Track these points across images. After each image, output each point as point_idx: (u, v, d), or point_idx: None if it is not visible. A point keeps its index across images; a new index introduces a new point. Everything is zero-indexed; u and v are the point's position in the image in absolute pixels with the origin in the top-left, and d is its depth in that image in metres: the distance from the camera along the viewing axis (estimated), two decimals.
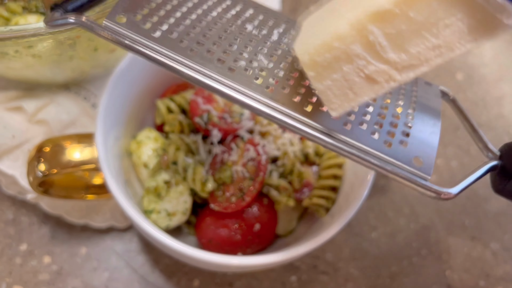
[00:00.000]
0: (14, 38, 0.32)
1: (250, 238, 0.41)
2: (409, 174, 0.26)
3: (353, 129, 0.27)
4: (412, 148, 0.27)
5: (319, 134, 0.27)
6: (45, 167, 0.37)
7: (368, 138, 0.27)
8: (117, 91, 0.40)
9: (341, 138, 0.27)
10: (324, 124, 0.27)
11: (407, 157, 0.27)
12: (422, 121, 0.30)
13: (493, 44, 0.67)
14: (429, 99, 0.32)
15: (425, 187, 0.26)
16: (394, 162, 0.26)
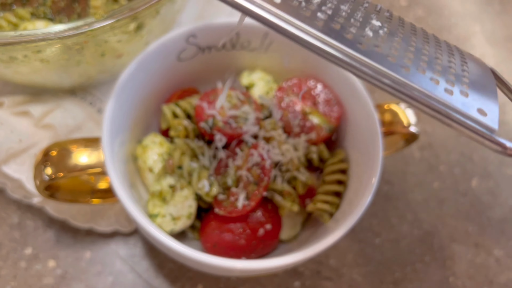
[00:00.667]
0: (24, 42, 0.33)
1: (254, 243, 0.41)
2: (475, 123, 0.25)
3: (413, 74, 0.26)
4: (474, 100, 0.26)
5: (384, 77, 0.25)
6: (52, 171, 0.38)
7: (429, 84, 0.25)
8: (123, 97, 0.41)
9: (402, 81, 0.25)
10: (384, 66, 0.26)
11: (470, 107, 0.25)
12: (478, 80, 0.29)
13: (496, 52, 0.68)
14: (480, 69, 0.31)
15: (491, 138, 0.25)
16: (460, 109, 0.25)
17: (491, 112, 0.26)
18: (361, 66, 0.25)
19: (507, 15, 0.72)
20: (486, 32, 0.70)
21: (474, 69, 0.31)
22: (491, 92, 0.28)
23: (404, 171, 0.57)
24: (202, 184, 0.39)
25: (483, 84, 0.29)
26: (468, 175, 0.57)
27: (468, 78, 0.28)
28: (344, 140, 0.46)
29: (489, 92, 0.28)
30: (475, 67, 0.31)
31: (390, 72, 0.25)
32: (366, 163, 0.41)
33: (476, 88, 0.28)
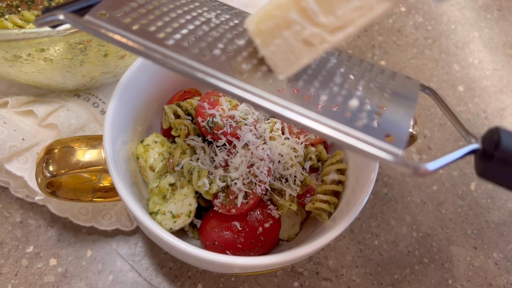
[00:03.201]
0: (27, 39, 0.34)
1: (253, 241, 0.42)
2: (380, 150, 0.26)
3: (325, 109, 0.28)
4: (383, 127, 0.27)
5: (289, 113, 0.27)
6: (53, 168, 0.38)
7: (339, 116, 0.27)
8: (125, 96, 0.41)
9: (311, 116, 0.27)
10: (293, 101, 0.27)
11: (378, 134, 0.27)
12: (396, 105, 0.30)
13: (494, 58, 0.69)
14: (406, 90, 0.33)
15: (399, 162, 0.26)
16: (364, 138, 0.26)
17: (400, 135, 0.27)
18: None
19: (505, 21, 0.73)
20: (484, 38, 0.71)
21: (400, 89, 0.33)
22: (406, 115, 0.30)
23: (403, 173, 0.57)
24: (202, 182, 0.40)
25: (403, 103, 0.31)
26: (467, 179, 0.58)
27: (386, 103, 0.30)
28: None
29: (404, 115, 0.30)
30: (403, 87, 0.33)
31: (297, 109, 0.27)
32: (363, 164, 0.41)
33: (392, 111, 0.29)
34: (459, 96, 0.64)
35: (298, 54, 0.27)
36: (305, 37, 0.27)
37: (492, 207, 0.56)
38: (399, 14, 0.72)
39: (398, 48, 0.68)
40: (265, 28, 0.27)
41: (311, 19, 0.26)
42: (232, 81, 0.27)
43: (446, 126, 0.61)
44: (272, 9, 0.27)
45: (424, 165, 0.26)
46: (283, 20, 0.26)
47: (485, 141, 0.29)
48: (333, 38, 0.26)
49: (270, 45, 0.28)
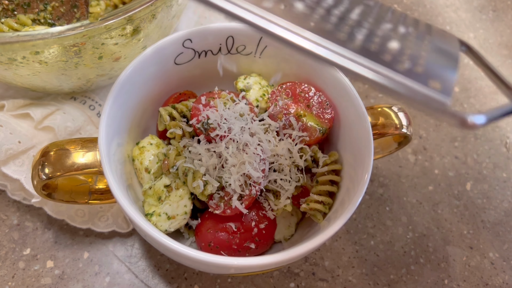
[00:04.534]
0: (22, 42, 0.34)
1: (248, 242, 0.42)
2: (424, 96, 0.24)
3: (363, 48, 0.25)
4: (428, 72, 0.25)
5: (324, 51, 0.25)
6: (49, 170, 0.39)
7: (379, 58, 0.25)
8: (120, 99, 0.42)
9: (350, 56, 0.25)
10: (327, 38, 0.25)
11: (422, 80, 0.24)
12: (438, 53, 0.28)
13: (489, 58, 0.69)
14: (445, 41, 0.31)
15: (445, 111, 0.24)
16: (407, 83, 0.24)
17: (445, 82, 0.25)
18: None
19: (500, 22, 0.73)
20: (479, 39, 0.71)
21: (439, 43, 0.30)
22: (451, 65, 0.27)
23: (399, 174, 0.57)
24: (197, 184, 0.40)
25: (445, 57, 0.28)
26: (462, 179, 0.58)
27: (429, 51, 0.28)
28: (337, 141, 0.46)
29: (449, 61, 0.27)
30: (442, 41, 0.31)
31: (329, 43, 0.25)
32: (358, 164, 0.41)
33: (436, 56, 0.27)
34: (455, 97, 0.65)
35: None
36: None
37: (488, 207, 0.56)
38: None
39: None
40: None
41: None
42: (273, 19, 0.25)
43: (441, 127, 0.62)
44: None
45: (473, 116, 0.24)
46: None
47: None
48: None
49: None
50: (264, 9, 0.25)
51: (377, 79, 0.24)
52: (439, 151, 0.60)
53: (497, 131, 0.62)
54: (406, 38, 0.28)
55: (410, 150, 0.59)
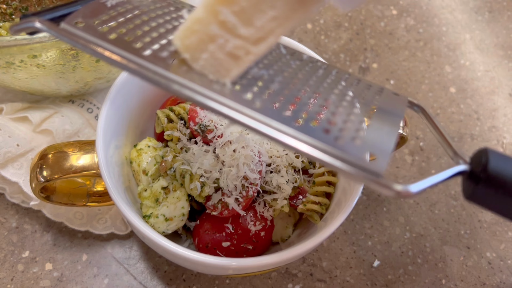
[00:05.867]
0: (19, 45, 0.34)
1: (246, 243, 0.42)
2: (359, 170, 0.25)
3: (304, 126, 0.26)
4: (365, 145, 0.26)
5: (266, 128, 0.26)
6: (47, 172, 0.39)
7: (319, 134, 0.26)
8: (117, 101, 0.42)
9: (290, 132, 0.26)
10: (271, 116, 0.26)
11: (358, 153, 0.25)
12: (380, 122, 0.29)
13: (486, 59, 0.69)
14: (393, 105, 0.32)
15: (378, 183, 0.24)
16: (344, 156, 0.25)
17: (381, 155, 0.26)
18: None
19: (496, 23, 0.74)
20: (475, 40, 0.71)
21: (385, 105, 0.31)
22: (390, 132, 0.28)
23: (396, 175, 0.58)
24: (194, 185, 0.40)
25: (386, 122, 0.29)
26: (459, 179, 0.58)
27: (370, 120, 0.29)
28: None
29: (388, 132, 0.28)
30: (389, 104, 0.32)
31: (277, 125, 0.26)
32: None
33: (375, 128, 0.28)
34: (451, 98, 0.65)
35: (226, 66, 0.27)
36: (230, 50, 0.26)
37: None
38: (391, 17, 0.73)
39: (390, 51, 0.69)
40: (189, 43, 0.27)
41: (232, 32, 0.26)
42: (209, 94, 0.26)
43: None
44: (193, 24, 0.27)
45: (407, 187, 0.25)
46: (205, 35, 0.26)
47: (473, 162, 0.28)
48: (257, 49, 0.27)
49: (198, 60, 0.27)
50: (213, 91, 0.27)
51: (316, 155, 0.25)
52: (435, 151, 0.60)
53: (493, 131, 0.62)
54: (352, 108, 0.30)
55: (407, 151, 0.60)
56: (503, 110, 0.64)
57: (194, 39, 0.27)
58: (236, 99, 0.27)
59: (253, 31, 0.26)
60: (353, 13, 0.73)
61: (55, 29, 0.28)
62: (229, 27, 0.26)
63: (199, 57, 0.27)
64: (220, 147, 0.42)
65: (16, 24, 0.29)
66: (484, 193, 0.27)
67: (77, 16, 0.29)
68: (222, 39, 0.26)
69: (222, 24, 0.26)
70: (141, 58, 0.27)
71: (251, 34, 0.26)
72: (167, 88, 0.27)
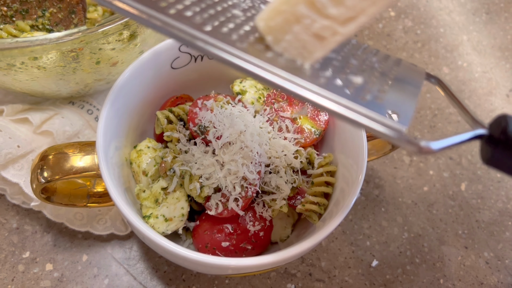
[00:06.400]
0: (20, 47, 0.35)
1: (245, 243, 0.42)
2: (382, 125, 0.25)
3: (328, 83, 0.27)
4: (387, 104, 0.27)
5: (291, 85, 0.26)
6: (48, 173, 0.39)
7: (342, 92, 0.27)
8: (118, 103, 0.42)
9: (313, 89, 0.26)
10: (296, 74, 0.27)
11: (381, 110, 0.26)
12: (400, 87, 0.30)
13: (483, 60, 0.70)
14: (411, 76, 0.33)
15: (400, 138, 0.25)
16: (367, 113, 0.26)
17: (404, 113, 0.26)
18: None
19: (493, 25, 0.74)
20: (473, 41, 0.72)
21: (404, 76, 0.32)
22: (411, 95, 0.29)
23: (394, 175, 0.58)
24: (194, 186, 0.41)
25: (407, 89, 0.30)
26: (457, 179, 0.59)
27: (391, 83, 0.30)
28: (332, 143, 0.47)
29: (409, 94, 0.29)
30: (407, 74, 0.33)
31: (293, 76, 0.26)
32: (352, 165, 0.42)
33: (396, 90, 0.29)
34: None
35: (310, 48, 0.27)
36: (316, 31, 0.26)
37: (482, 207, 0.57)
38: (389, 19, 0.73)
39: (388, 52, 0.69)
40: (274, 24, 0.27)
41: (320, 12, 0.25)
42: (233, 51, 0.26)
43: (435, 128, 0.62)
44: (280, 4, 0.26)
45: (428, 143, 0.26)
46: (292, 15, 0.26)
47: (492, 127, 0.28)
48: (345, 30, 0.26)
49: (281, 41, 0.27)
50: (239, 49, 0.27)
51: (338, 110, 0.26)
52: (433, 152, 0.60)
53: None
54: (371, 73, 0.30)
55: (405, 152, 0.60)
56: (501, 111, 0.65)
57: (279, 20, 0.27)
58: (261, 57, 0.26)
59: (344, 11, 0.25)
60: None
61: None
62: (318, 6, 0.25)
63: (282, 39, 0.27)
64: (220, 148, 0.42)
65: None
66: (502, 156, 0.28)
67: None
68: (309, 20, 0.26)
69: (310, 3, 0.25)
70: (166, 15, 0.27)
71: (341, 14, 0.25)
72: (192, 45, 0.27)
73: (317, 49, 0.27)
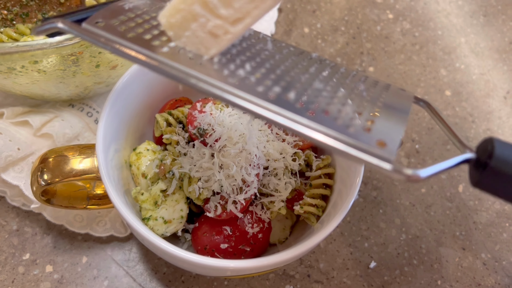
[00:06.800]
0: (21, 52, 0.35)
1: (244, 245, 0.43)
2: (371, 156, 0.26)
3: (317, 116, 0.28)
4: (375, 134, 0.27)
5: (282, 119, 0.27)
6: (48, 176, 0.39)
7: (331, 123, 0.27)
8: (117, 106, 0.43)
9: (304, 122, 0.27)
10: (286, 108, 0.27)
11: (369, 140, 0.26)
12: (388, 114, 0.30)
13: (481, 62, 0.70)
14: (399, 101, 0.33)
15: (391, 168, 0.26)
16: (356, 143, 0.26)
17: (391, 142, 0.27)
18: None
19: (491, 27, 0.74)
20: (470, 43, 0.72)
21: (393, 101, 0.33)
22: (399, 123, 0.30)
23: (392, 177, 0.58)
24: (193, 188, 0.41)
25: (396, 114, 0.31)
26: (455, 181, 0.59)
27: (378, 112, 0.30)
28: None
29: (396, 123, 0.30)
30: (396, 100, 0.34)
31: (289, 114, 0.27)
32: (350, 167, 0.42)
33: (384, 119, 0.30)
34: (447, 101, 0.66)
35: (206, 45, 0.30)
36: (210, 29, 0.29)
37: (479, 208, 0.57)
38: (387, 21, 0.74)
39: (386, 55, 0.70)
40: (174, 21, 0.30)
41: (213, 12, 0.29)
42: (224, 87, 0.28)
43: (433, 130, 0.63)
44: (179, 3, 0.29)
45: (416, 172, 0.26)
46: (189, 13, 0.29)
47: (479, 151, 0.29)
48: (235, 29, 0.29)
49: (181, 37, 0.30)
50: (229, 85, 0.28)
51: (328, 142, 0.27)
52: (431, 154, 0.61)
53: (488, 134, 0.63)
54: (360, 102, 0.31)
55: (403, 154, 0.60)
56: (498, 113, 0.65)
57: (178, 17, 0.29)
58: (250, 91, 0.28)
59: (232, 12, 0.28)
60: (349, 17, 0.73)
61: (77, 29, 0.30)
62: (211, 7, 0.28)
63: (182, 34, 0.30)
64: (218, 150, 0.42)
65: (38, 26, 0.30)
66: (490, 179, 0.28)
67: (97, 17, 0.31)
68: (204, 19, 0.29)
69: (204, 4, 0.28)
70: (160, 54, 0.29)
71: (230, 15, 0.29)
72: (186, 82, 0.28)
73: (212, 45, 0.30)
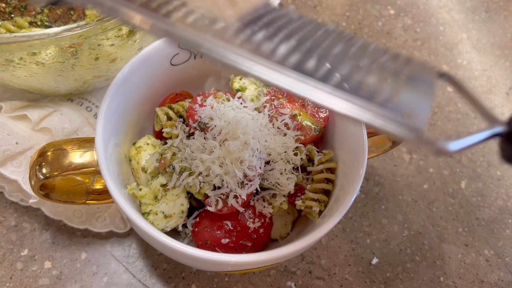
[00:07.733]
0: (18, 42, 0.34)
1: (245, 240, 0.42)
2: (400, 126, 0.25)
3: (341, 85, 0.26)
4: (403, 104, 0.26)
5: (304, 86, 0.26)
6: (46, 170, 0.39)
7: (355, 92, 0.26)
8: (116, 99, 0.42)
9: (328, 89, 0.26)
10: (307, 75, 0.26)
11: (397, 111, 0.25)
12: (414, 85, 0.29)
13: (482, 58, 0.70)
14: (423, 73, 0.32)
15: (418, 139, 0.24)
16: (383, 113, 0.25)
17: (420, 113, 0.26)
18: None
19: (492, 23, 0.74)
20: (472, 39, 0.72)
21: (416, 74, 0.32)
22: (426, 94, 0.28)
23: (394, 173, 0.58)
24: (193, 182, 0.41)
25: (422, 87, 0.29)
26: (457, 177, 0.59)
27: (406, 83, 0.29)
28: (332, 140, 0.47)
29: (424, 93, 0.28)
30: (419, 73, 0.32)
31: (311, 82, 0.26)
32: (352, 162, 0.42)
33: (410, 89, 0.28)
34: (449, 96, 0.65)
35: (221, 6, 0.28)
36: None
37: (482, 204, 0.57)
38: (388, 17, 0.73)
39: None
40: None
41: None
42: (240, 52, 0.26)
43: (436, 126, 0.62)
44: None
45: (446, 144, 0.24)
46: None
47: (510, 124, 0.27)
48: None
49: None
50: (249, 51, 0.26)
51: (353, 114, 0.25)
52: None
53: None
54: (384, 72, 0.29)
55: (405, 149, 0.60)
56: (500, 109, 0.65)
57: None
58: (270, 57, 0.26)
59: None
60: (351, 12, 0.73)
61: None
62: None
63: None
64: (219, 144, 0.42)
65: None
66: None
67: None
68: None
69: None
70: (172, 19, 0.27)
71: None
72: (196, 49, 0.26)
73: (228, 8, 0.28)
